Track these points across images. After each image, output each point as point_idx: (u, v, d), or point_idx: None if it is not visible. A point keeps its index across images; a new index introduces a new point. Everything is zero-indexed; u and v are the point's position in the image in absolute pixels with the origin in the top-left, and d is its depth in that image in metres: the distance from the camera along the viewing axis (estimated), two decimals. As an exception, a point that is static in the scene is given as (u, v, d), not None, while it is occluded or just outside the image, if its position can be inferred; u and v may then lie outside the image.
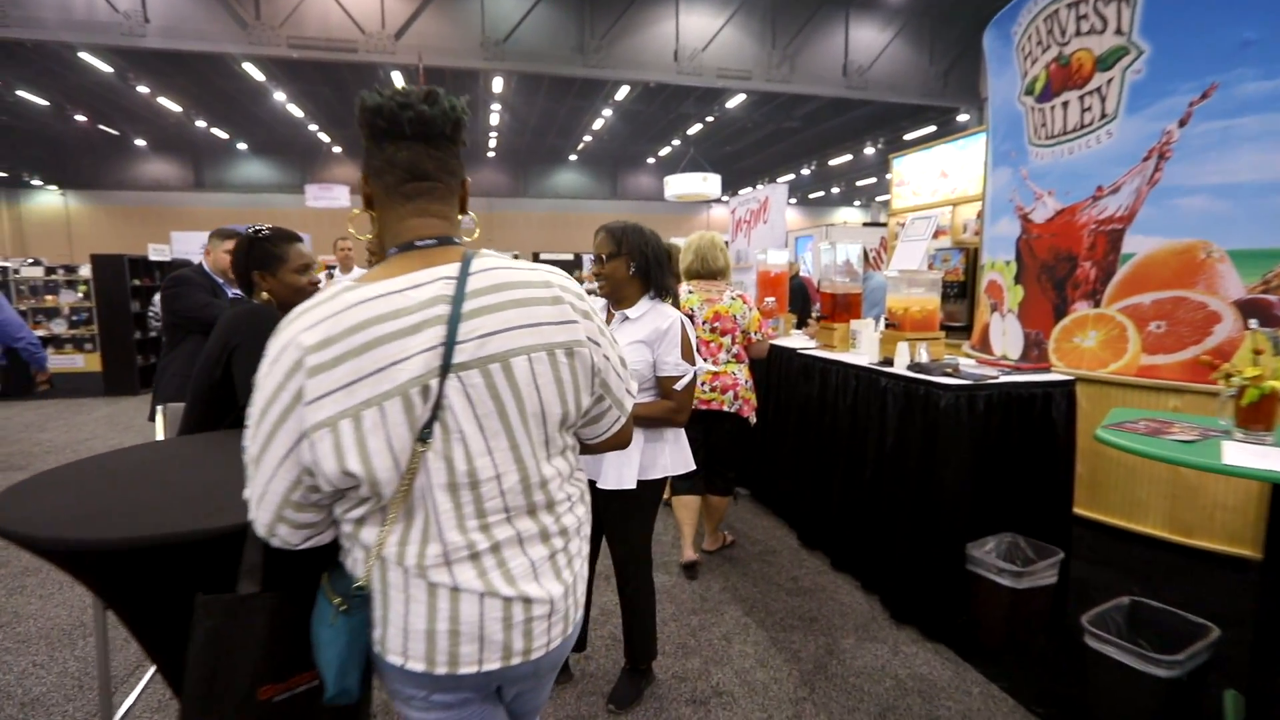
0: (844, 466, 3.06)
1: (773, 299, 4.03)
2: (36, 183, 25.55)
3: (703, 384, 3.07)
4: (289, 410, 0.85)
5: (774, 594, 2.93)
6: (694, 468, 2.14)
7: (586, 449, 1.12)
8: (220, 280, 3.33)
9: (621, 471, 1.95)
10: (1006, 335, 4.17)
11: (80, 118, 20.38)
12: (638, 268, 2.02)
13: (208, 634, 0.97)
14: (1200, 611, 2.01)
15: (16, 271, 9.04)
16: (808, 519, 3.45)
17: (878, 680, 2.31)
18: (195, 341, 3.01)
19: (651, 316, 1.98)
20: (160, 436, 2.07)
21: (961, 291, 5.59)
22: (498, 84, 17.49)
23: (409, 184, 0.96)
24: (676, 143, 23.64)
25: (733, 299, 3.12)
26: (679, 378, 1.96)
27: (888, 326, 2.96)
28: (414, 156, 0.95)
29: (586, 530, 1.08)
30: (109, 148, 24.59)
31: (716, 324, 3.10)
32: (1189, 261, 3.15)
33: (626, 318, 2.00)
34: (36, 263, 9.60)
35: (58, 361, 8.45)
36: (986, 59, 4.50)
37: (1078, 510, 3.00)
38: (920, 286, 2.95)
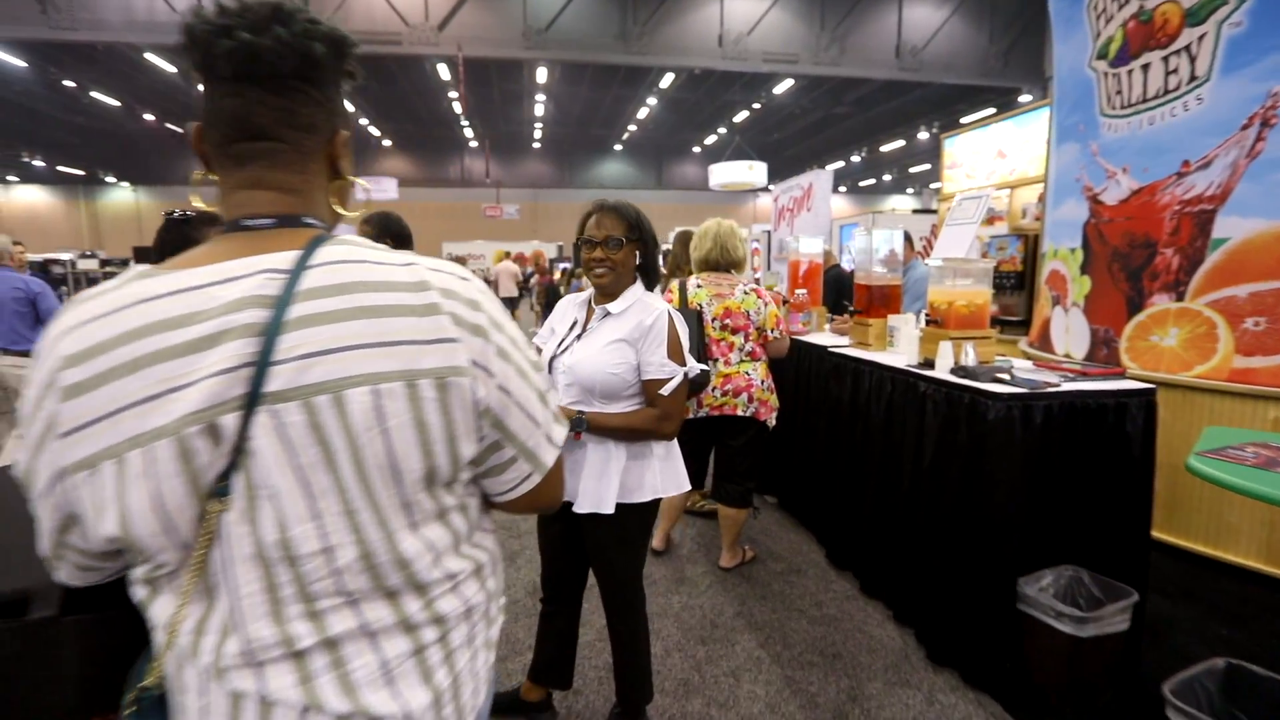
0: (877, 479, 2.72)
1: (804, 291, 3.68)
2: (110, 179, 27.01)
3: (712, 388, 2.79)
4: (42, 442, 0.62)
5: (794, 622, 2.62)
6: (688, 488, 1.84)
7: (493, 506, 0.84)
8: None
9: (600, 493, 1.68)
10: (1070, 332, 3.71)
11: (148, 116, 21.29)
12: (644, 259, 1.75)
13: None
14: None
15: (74, 265, 9.36)
16: (837, 535, 3.11)
17: (908, 734, 1.98)
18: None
19: (635, 311, 1.70)
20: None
21: (1019, 283, 5.09)
22: (541, 74, 17.38)
23: (237, 143, 0.70)
24: (722, 131, 23.13)
25: (745, 293, 2.83)
26: (666, 380, 1.67)
27: (928, 323, 2.59)
28: (241, 106, 0.68)
29: (495, 607, 0.81)
30: (175, 145, 25.68)
31: (727, 321, 2.81)
32: (1296, 247, 2.67)
33: (608, 313, 1.72)
34: (92, 255, 9.94)
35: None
36: (1052, 22, 4.02)
37: (1153, 533, 2.58)
38: (968, 277, 2.57)
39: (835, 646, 2.45)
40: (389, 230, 3.02)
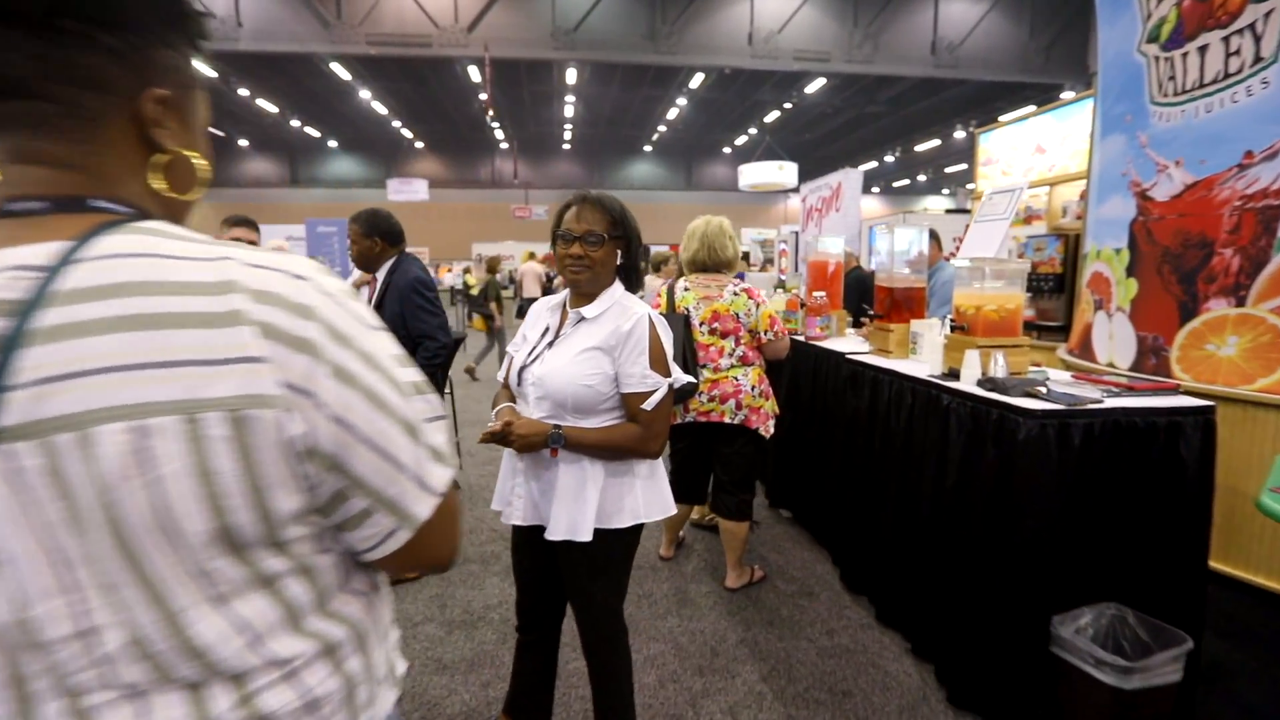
0: (896, 498, 2.49)
1: (823, 294, 3.46)
2: (153, 182, 27.82)
3: (700, 392, 2.62)
4: None
5: (802, 652, 2.41)
6: (674, 511, 1.66)
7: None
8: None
9: (574, 519, 1.50)
10: (1114, 339, 3.42)
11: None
12: (628, 259, 1.58)
13: None
14: None
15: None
16: (853, 555, 2.88)
17: (923, 790, 1.76)
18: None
19: (612, 315, 1.52)
20: None
21: (1058, 285, 4.77)
22: (571, 75, 17.37)
23: None
24: (753, 131, 22.84)
25: (735, 295, 2.65)
26: (648, 394, 1.49)
27: (953, 329, 2.36)
28: None
29: (367, 692, 0.64)
30: (216, 148, 26.10)
31: (716, 325, 2.65)
32: (1378, 247, 2.37)
33: (582, 318, 1.54)
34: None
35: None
36: (1096, 5, 3.72)
37: (1210, 563, 2.30)
38: (999, 279, 2.33)
39: (846, 682, 2.23)
40: (377, 228, 2.89)
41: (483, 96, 17.14)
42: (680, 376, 1.56)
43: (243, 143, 26.15)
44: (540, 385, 1.51)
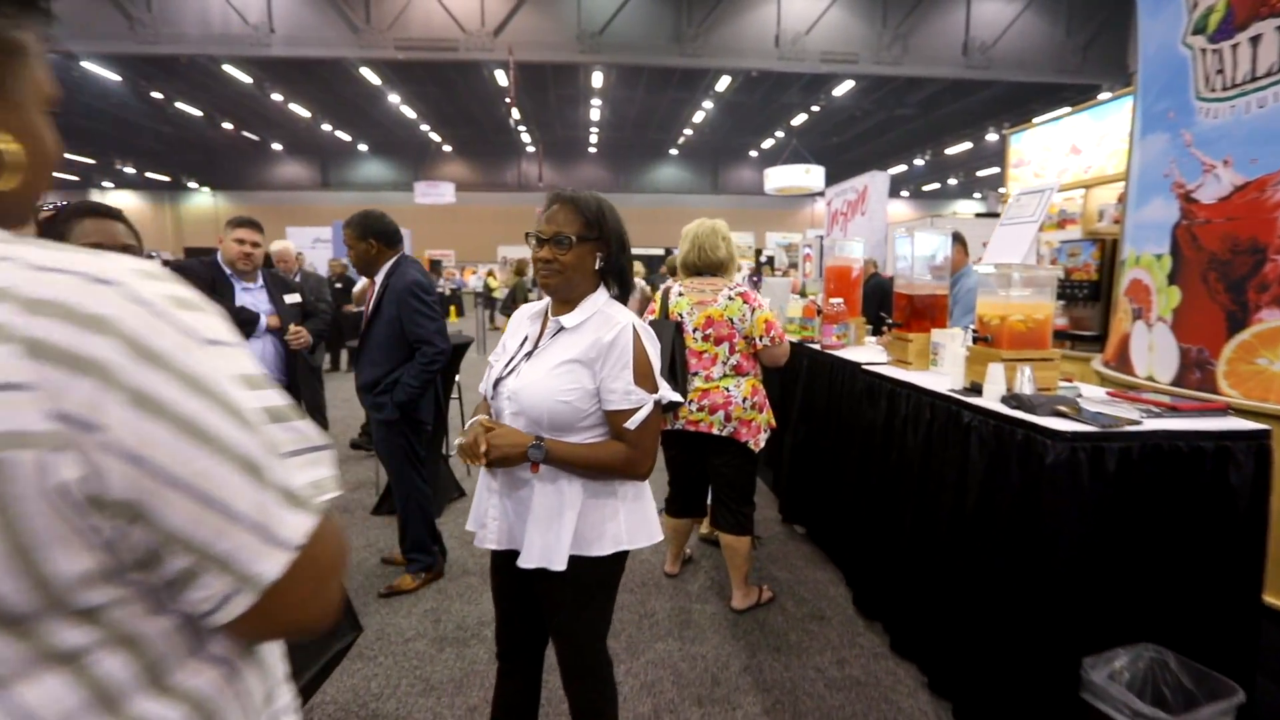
0: (913, 519, 2.33)
1: (840, 300, 3.30)
2: (192, 185, 28.64)
3: (689, 400, 2.52)
4: None
5: (810, 683, 2.26)
6: (660, 538, 1.52)
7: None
8: (229, 271, 3.07)
9: (549, 545, 1.38)
10: (1154, 350, 3.20)
11: (227, 125, 22.49)
12: (607, 262, 1.44)
13: None
14: None
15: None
16: (867, 577, 2.72)
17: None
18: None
19: (594, 325, 1.40)
20: None
21: (1093, 293, 4.53)
22: (597, 78, 17.33)
23: None
24: (780, 134, 22.58)
25: (730, 298, 2.53)
26: (632, 411, 1.37)
27: (975, 340, 2.19)
28: None
29: None
30: (251, 152, 27.05)
31: (709, 331, 2.53)
32: None
33: (562, 328, 1.43)
34: (153, 255, 10.35)
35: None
36: (1139, -4, 3.51)
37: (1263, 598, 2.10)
38: (1027, 287, 2.16)
39: (856, 719, 2.08)
40: (370, 229, 2.82)
41: (509, 100, 17.21)
42: (667, 394, 1.43)
43: (276, 146, 26.67)
44: (515, 400, 1.40)
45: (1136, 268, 3.39)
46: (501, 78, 16.23)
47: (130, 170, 26.53)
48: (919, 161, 24.35)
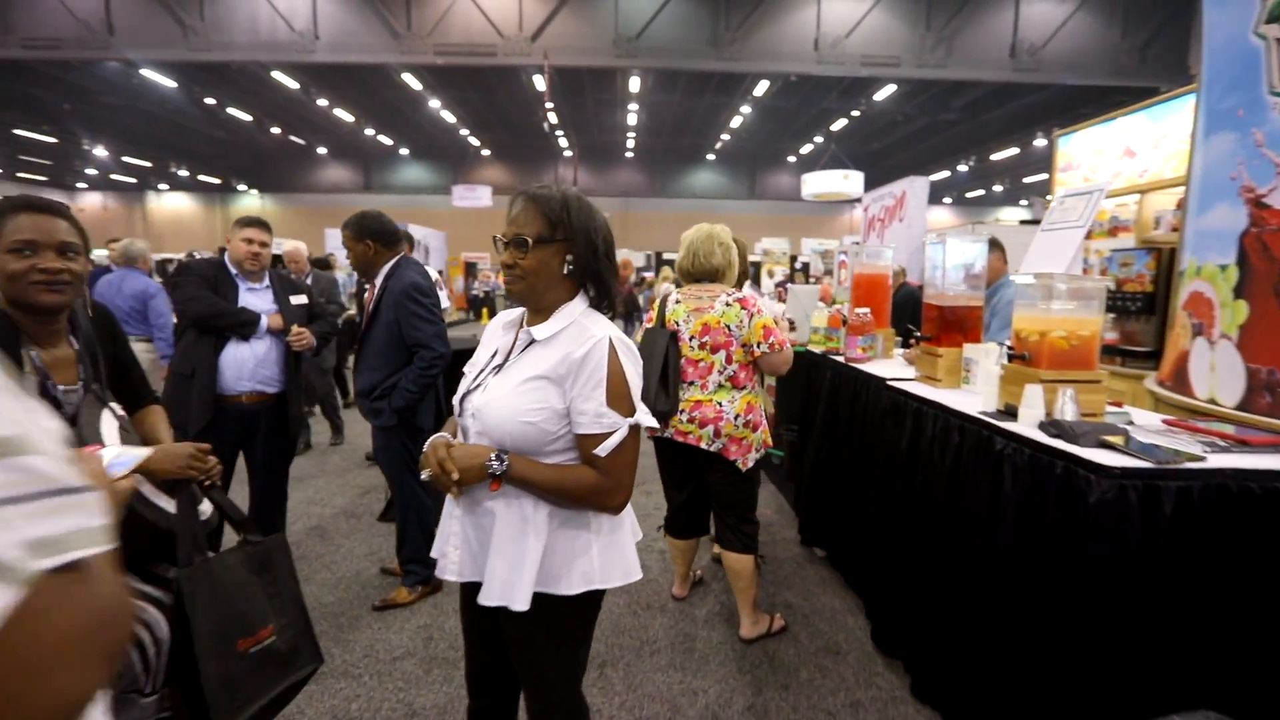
0: (938, 551, 2.13)
1: (867, 310, 3.10)
2: (241, 188, 29.59)
3: (680, 409, 2.38)
4: None
5: (819, 727, 2.07)
6: (638, 576, 1.36)
7: None
8: (235, 271, 3.03)
9: (510, 579, 1.24)
10: (1216, 371, 2.91)
11: (275, 130, 23.15)
12: (578, 265, 1.28)
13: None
14: None
15: (171, 264, 10.05)
16: (888, 610, 2.51)
17: None
18: (190, 335, 2.75)
19: (566, 338, 1.25)
20: None
21: (1148, 306, 4.20)
22: (634, 83, 17.29)
23: None
24: (819, 140, 22.20)
25: (727, 304, 2.39)
26: (604, 436, 1.22)
27: (1010, 358, 1.98)
28: None
29: None
30: (297, 155, 27.83)
31: (706, 339, 2.40)
32: None
33: (533, 340, 1.29)
34: (191, 254, 10.64)
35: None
36: (1204, -14, 3.22)
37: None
38: (1072, 300, 1.94)
39: (867, 772, 1.89)
40: (367, 230, 2.73)
41: (549, 105, 17.28)
42: (645, 418, 1.27)
43: (321, 150, 27.39)
44: (479, 418, 1.26)
45: (1197, 279, 3.10)
46: (539, 82, 16.30)
47: (184, 173, 27.56)
48: (963, 167, 23.67)
